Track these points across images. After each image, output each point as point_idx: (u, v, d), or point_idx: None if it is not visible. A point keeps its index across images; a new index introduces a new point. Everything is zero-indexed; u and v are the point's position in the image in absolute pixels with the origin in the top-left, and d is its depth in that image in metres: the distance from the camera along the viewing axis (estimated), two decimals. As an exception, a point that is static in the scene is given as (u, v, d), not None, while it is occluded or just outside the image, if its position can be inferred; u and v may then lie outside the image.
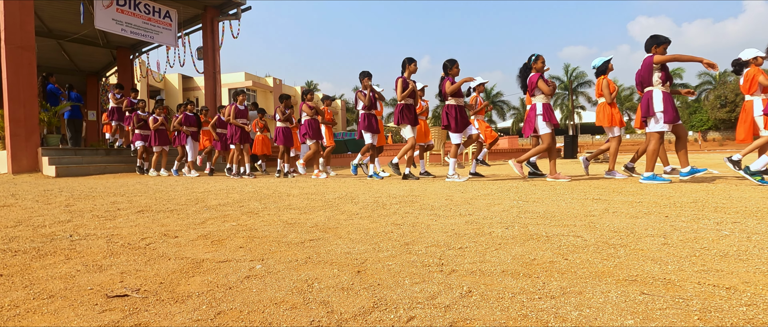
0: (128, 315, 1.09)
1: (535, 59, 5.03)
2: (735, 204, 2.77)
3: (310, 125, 6.93)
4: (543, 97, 4.98)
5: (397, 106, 5.85)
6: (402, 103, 5.75)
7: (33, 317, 1.10)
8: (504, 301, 1.14)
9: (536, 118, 5.00)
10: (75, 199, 3.68)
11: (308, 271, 1.46)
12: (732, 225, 2.08)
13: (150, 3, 10.35)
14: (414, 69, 5.80)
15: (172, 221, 2.51)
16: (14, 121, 7.77)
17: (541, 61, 5.03)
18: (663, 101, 4.20)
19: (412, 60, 5.79)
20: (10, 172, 7.67)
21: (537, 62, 5.03)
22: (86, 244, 1.92)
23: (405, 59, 5.80)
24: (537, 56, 5.04)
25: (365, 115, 6.23)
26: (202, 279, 1.39)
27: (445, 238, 1.94)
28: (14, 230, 2.25)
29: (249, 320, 1.05)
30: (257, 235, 2.06)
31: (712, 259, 1.50)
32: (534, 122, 5.03)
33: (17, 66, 7.85)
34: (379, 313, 1.08)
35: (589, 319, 1.01)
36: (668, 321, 0.99)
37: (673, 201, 2.97)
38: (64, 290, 1.30)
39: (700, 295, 1.15)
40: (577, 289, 1.22)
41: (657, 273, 1.35)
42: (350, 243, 1.87)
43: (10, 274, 1.47)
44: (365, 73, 6.23)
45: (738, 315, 1.01)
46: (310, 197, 3.69)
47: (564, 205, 2.88)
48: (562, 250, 1.67)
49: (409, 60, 5.78)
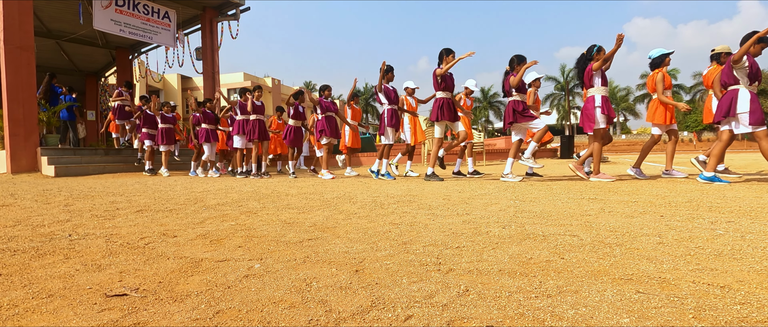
0: (127, 314, 1.09)
1: (598, 50, 4.77)
2: (729, 203, 2.78)
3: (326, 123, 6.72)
4: (602, 88, 4.73)
5: (435, 100, 5.45)
6: (441, 98, 5.39)
7: (32, 316, 1.09)
8: (501, 299, 1.15)
9: (595, 110, 4.81)
10: (74, 198, 3.67)
11: (307, 270, 1.46)
12: (726, 224, 2.09)
13: (149, 3, 10.32)
14: (451, 60, 5.37)
15: (171, 221, 2.50)
16: (13, 120, 7.74)
17: (603, 53, 4.76)
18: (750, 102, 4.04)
19: (450, 51, 5.38)
20: (9, 171, 7.64)
21: (599, 53, 4.76)
22: (85, 243, 1.92)
23: (442, 50, 5.41)
24: (599, 47, 4.78)
25: (391, 110, 6.14)
26: (201, 278, 1.38)
27: (443, 237, 1.94)
28: (13, 230, 2.24)
29: (248, 319, 1.05)
30: (256, 235, 2.06)
31: (706, 258, 1.50)
32: (593, 115, 4.81)
33: (16, 66, 7.82)
34: (377, 312, 1.08)
35: (585, 317, 1.01)
36: (663, 319, 0.99)
37: (668, 200, 2.98)
38: (63, 289, 1.29)
39: (695, 293, 1.15)
40: (573, 288, 1.22)
41: (652, 272, 1.35)
42: (348, 242, 1.87)
43: (9, 274, 1.46)
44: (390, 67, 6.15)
45: (732, 313, 1.02)
46: (308, 197, 3.69)
47: (560, 205, 2.89)
48: (558, 249, 1.68)
49: (446, 51, 5.38)
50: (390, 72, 6.20)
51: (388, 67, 6.17)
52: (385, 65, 6.06)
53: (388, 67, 6.17)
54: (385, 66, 6.06)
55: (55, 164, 7.56)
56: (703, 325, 0.96)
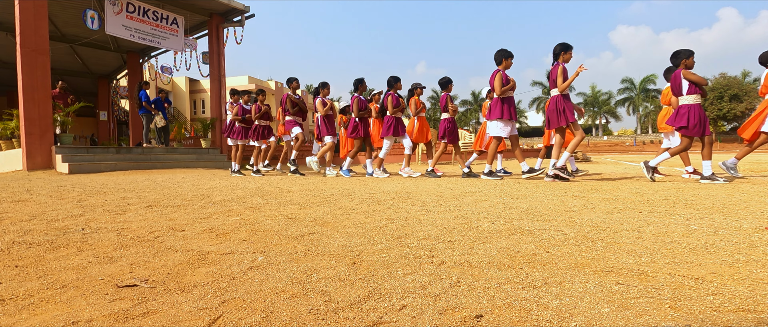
0: (137, 304, 1.09)
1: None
2: (703, 201, 2.80)
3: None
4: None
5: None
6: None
7: (47, 306, 1.08)
8: (490, 290, 1.15)
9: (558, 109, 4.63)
10: (87, 194, 3.65)
11: (307, 262, 1.46)
12: (700, 220, 2.10)
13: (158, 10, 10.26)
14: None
15: (179, 216, 2.49)
16: (29, 120, 7.68)
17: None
18: None
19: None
20: (25, 168, 7.59)
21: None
22: (97, 237, 1.91)
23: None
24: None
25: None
26: (208, 270, 1.38)
27: (436, 231, 1.94)
28: (29, 224, 2.23)
29: (251, 308, 1.05)
30: (259, 229, 2.06)
31: (682, 251, 1.51)
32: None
33: (32, 68, 7.76)
34: (374, 302, 1.08)
35: (569, 307, 1.02)
36: (641, 309, 1.00)
37: (646, 198, 3.00)
38: (77, 280, 1.28)
39: (671, 284, 1.16)
40: (557, 280, 1.22)
41: (631, 264, 1.36)
42: (347, 236, 1.87)
43: (25, 266, 1.45)
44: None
45: (705, 303, 1.03)
46: (309, 193, 3.68)
47: (546, 202, 2.90)
48: (544, 243, 1.68)
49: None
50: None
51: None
52: None
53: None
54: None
55: (68, 162, 7.50)
56: (679, 314, 0.97)
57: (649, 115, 46.39)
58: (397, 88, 6.28)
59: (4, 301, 1.12)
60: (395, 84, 6.23)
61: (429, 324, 0.94)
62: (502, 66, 5.10)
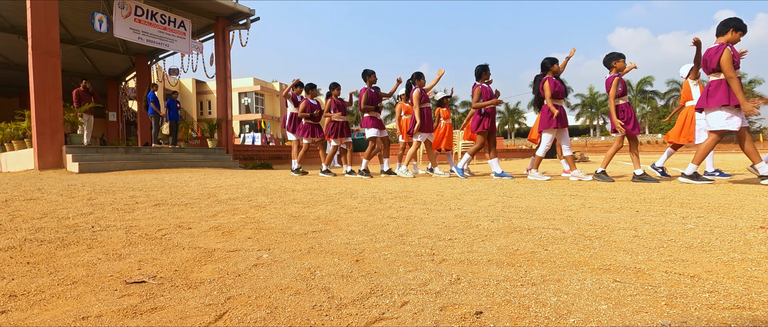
0: (145, 300, 1.09)
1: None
2: (699, 200, 2.79)
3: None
4: None
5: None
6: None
7: (57, 301, 1.09)
8: (489, 287, 1.15)
9: None
10: (96, 193, 3.66)
11: (311, 260, 1.46)
12: (696, 219, 2.09)
13: (166, 13, 10.28)
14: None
15: (186, 214, 2.50)
16: (40, 120, 7.71)
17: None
18: None
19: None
20: (37, 168, 7.62)
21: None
22: (107, 234, 1.91)
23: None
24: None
25: None
26: (214, 267, 1.38)
27: (437, 230, 1.94)
28: (40, 222, 2.24)
29: (256, 304, 1.05)
30: (264, 227, 2.06)
31: (678, 250, 1.51)
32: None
33: (43, 70, 7.79)
34: (376, 298, 1.08)
35: (567, 304, 1.02)
36: (638, 306, 0.99)
37: (643, 197, 2.99)
38: (86, 277, 1.29)
39: (667, 282, 1.16)
40: (555, 277, 1.22)
41: (628, 262, 1.36)
42: (349, 234, 1.87)
43: (37, 262, 1.46)
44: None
45: (701, 301, 1.02)
46: (313, 192, 3.69)
47: (544, 201, 2.89)
48: (542, 241, 1.68)
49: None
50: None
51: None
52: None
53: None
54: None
55: (79, 161, 7.53)
56: (675, 311, 0.96)
57: (646, 116, 46.28)
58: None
59: (17, 297, 1.12)
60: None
61: (430, 320, 0.94)
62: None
